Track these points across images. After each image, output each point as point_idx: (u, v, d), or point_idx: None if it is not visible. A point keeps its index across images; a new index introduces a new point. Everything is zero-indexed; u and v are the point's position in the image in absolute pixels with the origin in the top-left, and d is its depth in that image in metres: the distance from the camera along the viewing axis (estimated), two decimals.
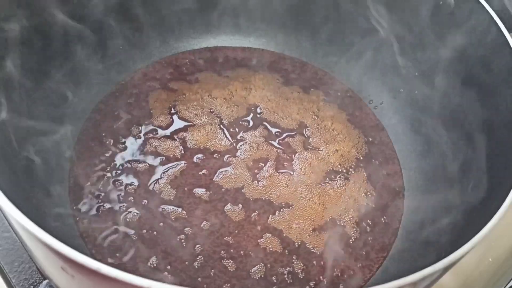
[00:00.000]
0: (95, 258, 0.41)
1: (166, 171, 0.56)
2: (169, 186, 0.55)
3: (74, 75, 0.59)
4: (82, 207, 0.53)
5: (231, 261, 0.51)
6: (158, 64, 0.68)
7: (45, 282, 0.49)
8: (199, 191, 0.55)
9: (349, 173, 0.60)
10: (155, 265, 0.50)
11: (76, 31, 0.58)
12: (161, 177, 0.56)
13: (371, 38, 0.67)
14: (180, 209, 0.53)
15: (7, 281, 0.49)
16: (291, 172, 0.58)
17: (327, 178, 0.59)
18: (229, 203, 0.55)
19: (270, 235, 0.53)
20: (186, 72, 0.67)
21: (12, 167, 0.45)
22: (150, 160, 0.57)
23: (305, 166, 0.59)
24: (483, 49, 0.54)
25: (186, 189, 0.55)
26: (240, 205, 0.55)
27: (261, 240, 0.53)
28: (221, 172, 0.57)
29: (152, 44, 0.68)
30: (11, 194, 0.34)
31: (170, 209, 0.53)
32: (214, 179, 0.56)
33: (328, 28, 0.69)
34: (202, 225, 0.53)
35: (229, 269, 0.50)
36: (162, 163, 0.57)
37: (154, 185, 0.55)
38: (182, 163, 0.57)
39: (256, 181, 0.57)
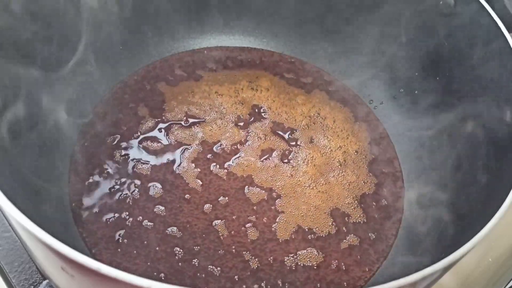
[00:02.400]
0: (95, 258, 0.42)
1: (183, 156, 0.58)
2: (192, 168, 0.58)
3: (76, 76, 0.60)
4: (82, 205, 0.53)
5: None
6: (159, 64, 0.68)
7: (45, 282, 0.49)
8: (216, 170, 0.58)
9: (352, 168, 0.60)
10: (175, 234, 0.52)
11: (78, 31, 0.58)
12: (177, 169, 0.57)
13: (371, 38, 0.67)
14: (199, 184, 0.57)
15: (7, 281, 0.49)
16: (295, 163, 0.59)
17: (329, 171, 0.59)
18: (246, 187, 0.57)
19: (277, 220, 0.55)
20: (189, 71, 0.68)
21: (12, 166, 0.45)
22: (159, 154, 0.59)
23: (308, 159, 0.60)
24: (483, 49, 0.54)
25: (202, 174, 0.57)
26: (251, 190, 0.57)
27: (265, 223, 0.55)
28: (234, 161, 0.59)
29: (152, 44, 0.68)
30: (11, 194, 0.34)
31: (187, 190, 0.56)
32: (229, 168, 0.58)
33: (328, 28, 0.69)
34: (219, 200, 0.56)
35: (250, 238, 0.53)
36: (176, 150, 0.59)
37: (166, 174, 0.57)
38: (198, 150, 0.59)
39: (263, 171, 0.58)
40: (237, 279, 0.50)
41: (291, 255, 0.53)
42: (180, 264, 0.50)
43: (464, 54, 0.56)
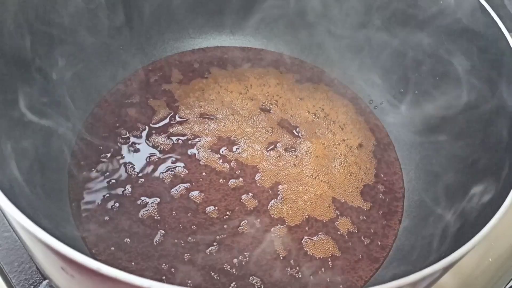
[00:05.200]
0: (95, 258, 0.42)
1: (198, 147, 0.60)
2: (203, 158, 0.59)
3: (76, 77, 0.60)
4: (82, 205, 0.53)
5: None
6: (159, 64, 0.68)
7: (45, 282, 0.49)
8: (227, 161, 0.60)
9: (354, 160, 0.62)
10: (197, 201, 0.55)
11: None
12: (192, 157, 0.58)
13: (371, 38, 0.67)
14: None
15: (7, 281, 0.49)
16: (299, 154, 0.61)
17: (332, 162, 0.61)
18: (255, 175, 0.59)
19: (282, 207, 0.56)
20: (194, 70, 0.68)
21: (12, 166, 0.45)
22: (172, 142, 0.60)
23: (311, 150, 0.62)
24: (483, 49, 0.54)
25: (212, 164, 0.59)
26: (258, 179, 0.58)
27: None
28: (243, 152, 0.60)
29: (152, 44, 0.68)
30: (11, 194, 0.34)
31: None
32: (239, 159, 0.60)
33: (328, 29, 0.69)
34: (229, 183, 0.58)
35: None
36: (190, 143, 0.61)
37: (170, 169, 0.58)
38: (211, 143, 0.61)
39: (269, 161, 0.60)
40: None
41: (295, 240, 0.54)
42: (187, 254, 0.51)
43: (463, 54, 0.56)
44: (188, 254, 0.51)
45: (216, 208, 0.55)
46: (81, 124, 0.60)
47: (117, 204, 0.54)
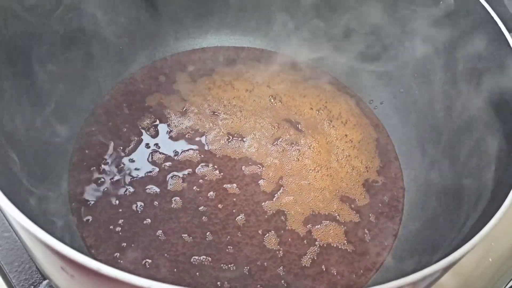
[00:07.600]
0: (95, 258, 0.42)
1: (206, 141, 0.62)
2: (211, 152, 0.61)
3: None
4: (82, 205, 0.53)
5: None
6: (160, 63, 0.68)
7: (45, 282, 0.49)
8: (234, 155, 0.61)
9: (356, 154, 0.63)
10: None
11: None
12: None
13: (371, 38, 0.67)
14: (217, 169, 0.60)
15: (7, 281, 0.49)
16: (302, 149, 0.62)
17: (334, 156, 0.62)
18: (259, 168, 0.60)
19: (284, 200, 0.58)
20: (197, 69, 0.69)
21: (12, 166, 0.45)
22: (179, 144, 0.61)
23: (313, 145, 0.63)
24: (483, 49, 0.54)
25: (220, 158, 0.60)
26: (263, 172, 0.60)
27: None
28: (250, 147, 0.62)
29: (152, 44, 0.68)
30: (11, 194, 0.34)
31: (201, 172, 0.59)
32: (246, 155, 0.61)
33: (328, 29, 0.69)
34: (243, 171, 0.60)
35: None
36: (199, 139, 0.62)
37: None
38: (219, 138, 0.62)
39: (273, 155, 0.61)
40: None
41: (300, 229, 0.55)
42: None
43: (463, 55, 0.56)
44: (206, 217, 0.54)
45: (235, 184, 0.58)
46: (81, 124, 0.60)
47: (117, 204, 0.54)
